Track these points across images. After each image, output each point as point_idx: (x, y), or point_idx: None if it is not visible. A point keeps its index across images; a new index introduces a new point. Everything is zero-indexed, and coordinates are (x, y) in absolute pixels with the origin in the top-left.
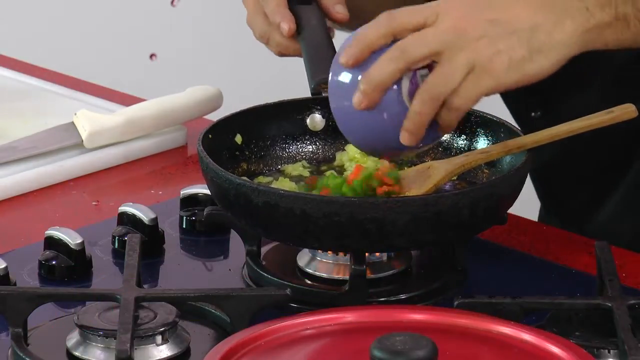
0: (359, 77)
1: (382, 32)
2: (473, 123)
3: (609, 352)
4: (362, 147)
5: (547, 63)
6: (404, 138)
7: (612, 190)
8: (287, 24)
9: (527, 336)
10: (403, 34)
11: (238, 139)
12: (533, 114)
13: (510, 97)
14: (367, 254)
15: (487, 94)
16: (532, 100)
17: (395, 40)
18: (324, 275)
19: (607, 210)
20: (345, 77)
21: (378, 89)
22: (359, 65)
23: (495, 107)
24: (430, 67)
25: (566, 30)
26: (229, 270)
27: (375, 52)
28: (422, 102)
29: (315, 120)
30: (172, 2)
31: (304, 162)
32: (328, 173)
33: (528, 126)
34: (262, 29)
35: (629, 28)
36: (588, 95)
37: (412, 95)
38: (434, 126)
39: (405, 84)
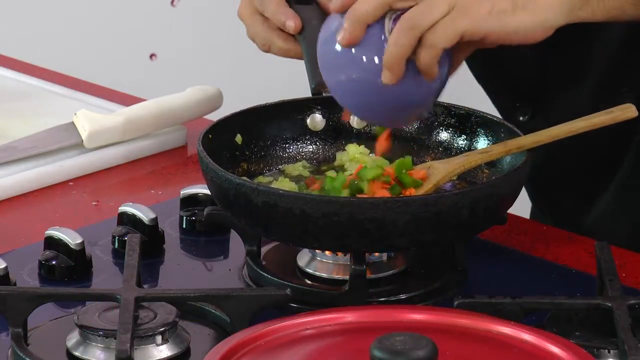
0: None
1: None
2: (473, 123)
3: (609, 352)
4: (359, 111)
5: (529, 21)
6: (385, 76)
7: (602, 189)
8: (292, 21)
9: (527, 336)
10: None
11: (238, 139)
12: (521, 117)
13: (499, 100)
14: (367, 254)
15: (463, 37)
16: (520, 104)
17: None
18: (324, 275)
19: (598, 209)
20: (332, 42)
21: (360, 23)
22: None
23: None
24: None
25: None
26: (229, 270)
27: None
28: (399, 32)
29: (316, 120)
30: (172, 2)
31: (304, 162)
32: (328, 173)
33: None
34: (264, 37)
35: None
36: (575, 99)
37: None
38: (418, 75)
39: (388, 25)
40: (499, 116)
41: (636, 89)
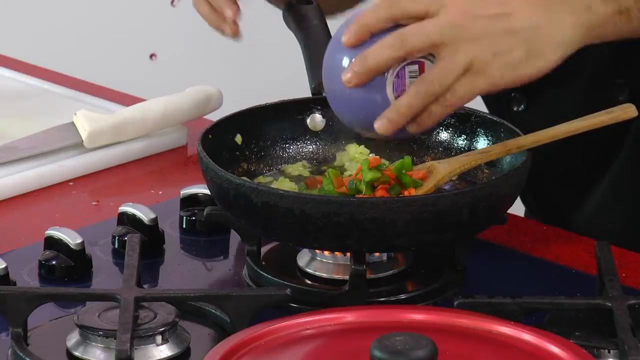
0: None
1: (382, 17)
2: (473, 123)
3: (609, 352)
4: (347, 123)
5: (544, 64)
6: (382, 126)
7: (594, 187)
8: (230, 11)
9: (527, 336)
10: (404, 21)
11: (238, 139)
12: (516, 108)
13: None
14: (367, 254)
15: (480, 94)
16: (516, 94)
17: (396, 26)
18: (324, 275)
19: (589, 207)
20: (339, 58)
21: (371, 72)
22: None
23: None
24: (419, 63)
25: (567, 30)
26: (229, 270)
27: (374, 36)
28: (417, 94)
29: (316, 120)
30: (172, 2)
31: (304, 162)
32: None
33: (510, 121)
34: None
35: (631, 21)
36: (571, 90)
37: (395, 87)
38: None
39: (392, 75)
40: (498, 117)
41: (631, 80)
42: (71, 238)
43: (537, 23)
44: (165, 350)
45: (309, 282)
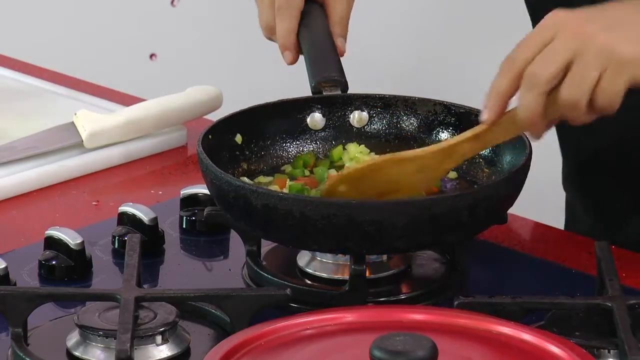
0: None
1: (510, 79)
2: (473, 122)
3: (609, 352)
4: None
5: None
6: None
7: None
8: (290, 55)
9: (527, 336)
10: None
11: (238, 139)
12: None
13: None
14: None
15: (631, 85)
16: None
17: None
18: (324, 275)
19: None
20: None
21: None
22: None
23: None
24: None
25: None
26: (229, 270)
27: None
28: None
29: (316, 119)
30: (172, 2)
31: None
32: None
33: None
34: (268, 19)
35: None
36: None
37: None
38: None
39: None
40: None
41: None
42: (71, 238)
43: None
44: (165, 350)
45: (309, 282)
